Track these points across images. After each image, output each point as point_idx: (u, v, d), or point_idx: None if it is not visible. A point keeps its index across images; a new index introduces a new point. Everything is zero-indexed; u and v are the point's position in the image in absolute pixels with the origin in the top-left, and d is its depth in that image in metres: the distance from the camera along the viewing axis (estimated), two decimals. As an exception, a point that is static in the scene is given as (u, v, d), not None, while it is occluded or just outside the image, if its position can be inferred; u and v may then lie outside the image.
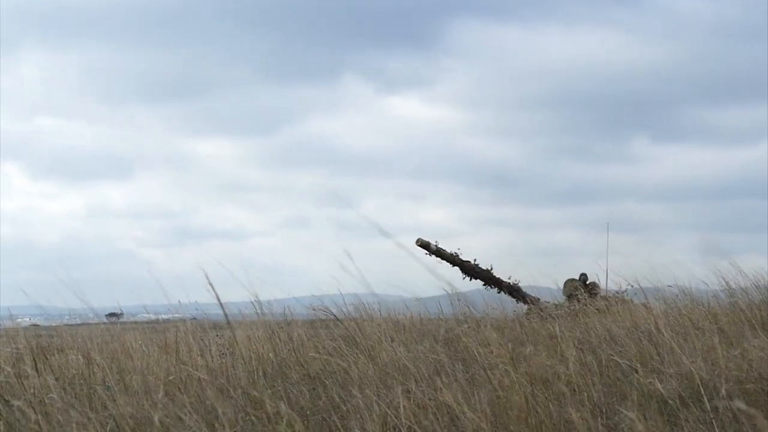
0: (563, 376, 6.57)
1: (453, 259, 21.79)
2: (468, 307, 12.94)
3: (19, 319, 11.20)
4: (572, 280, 25.72)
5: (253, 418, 5.53)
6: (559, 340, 7.63)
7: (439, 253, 21.70)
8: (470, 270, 22.05)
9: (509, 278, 22.58)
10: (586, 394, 6.34)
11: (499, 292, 22.77)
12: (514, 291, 22.65)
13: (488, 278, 22.35)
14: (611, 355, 7.34)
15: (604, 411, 6.21)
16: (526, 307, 24.76)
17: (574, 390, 6.55)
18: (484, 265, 24.18)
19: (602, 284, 25.68)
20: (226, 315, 6.12)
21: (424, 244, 21.40)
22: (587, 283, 25.57)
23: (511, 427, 5.64)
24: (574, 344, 7.36)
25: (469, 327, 9.03)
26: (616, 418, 5.98)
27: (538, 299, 22.70)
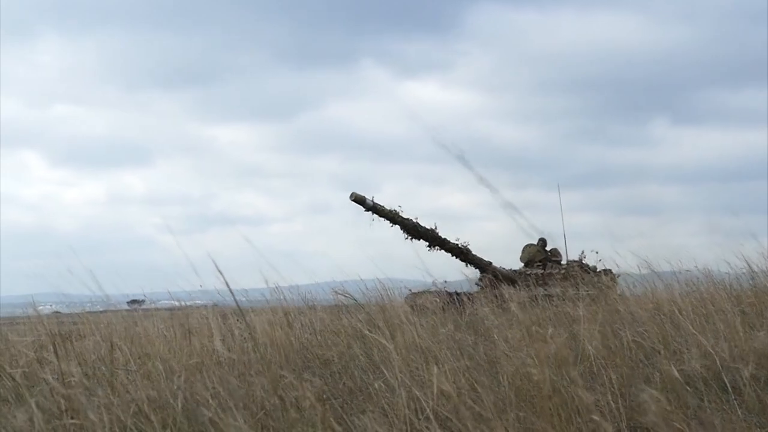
0: (586, 358, 6.55)
1: (392, 217, 20.52)
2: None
3: (40, 307, 11.22)
4: (530, 245, 24.72)
5: (275, 401, 5.52)
6: (582, 321, 7.60)
7: (376, 209, 20.38)
8: (411, 229, 20.84)
9: (457, 240, 21.86)
10: (606, 376, 6.31)
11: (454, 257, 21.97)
12: (461, 254, 21.94)
13: (432, 238, 21.23)
14: (634, 337, 7.31)
15: (626, 393, 6.19)
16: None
17: (596, 372, 6.54)
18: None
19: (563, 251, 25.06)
20: (236, 302, 6.12)
21: (358, 199, 20.18)
22: (547, 248, 24.65)
23: (534, 409, 5.62)
24: (597, 326, 7.32)
25: (491, 310, 9.01)
26: (639, 399, 5.96)
27: (490, 263, 22.59)
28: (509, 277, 22.44)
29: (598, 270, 23.92)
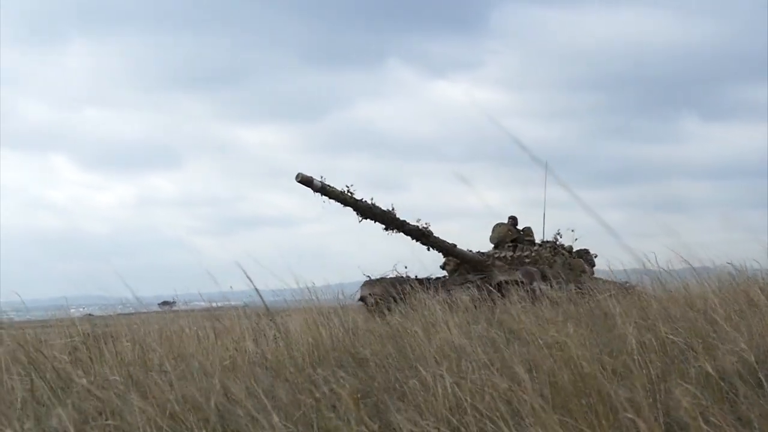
0: (621, 355, 6.51)
1: (344, 198, 18.74)
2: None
3: (72, 309, 11.29)
4: (501, 224, 23.09)
5: (310, 400, 5.52)
6: (617, 318, 7.56)
7: (326, 191, 18.54)
8: (366, 211, 19.09)
9: (418, 221, 20.07)
10: (642, 372, 6.28)
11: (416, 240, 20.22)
12: (422, 236, 20.14)
13: (389, 220, 19.49)
14: (668, 333, 7.27)
15: (662, 389, 6.15)
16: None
17: (631, 369, 6.50)
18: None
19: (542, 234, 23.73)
20: (265, 303, 6.12)
21: (305, 180, 18.30)
22: (518, 228, 23.09)
23: (569, 407, 5.60)
24: (632, 322, 7.28)
25: (523, 307, 8.98)
26: (674, 395, 5.92)
27: (455, 245, 20.88)
28: (475, 261, 21.34)
29: (573, 250, 22.86)
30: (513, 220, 23.01)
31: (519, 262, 21.22)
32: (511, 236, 22.75)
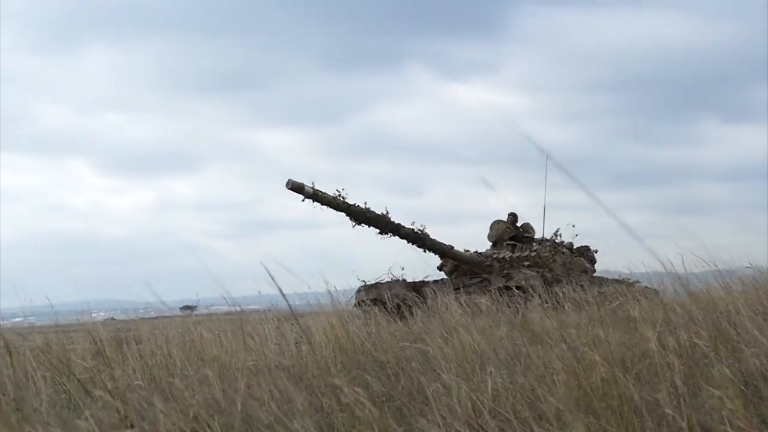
0: (645, 358, 6.49)
1: (336, 204, 18.28)
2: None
3: (94, 314, 11.31)
4: (499, 221, 22.50)
5: (332, 404, 5.53)
6: (639, 321, 7.54)
7: (317, 197, 18.07)
8: (360, 215, 18.65)
9: (413, 224, 19.63)
10: (665, 376, 6.26)
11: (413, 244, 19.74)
12: (418, 239, 19.70)
13: (384, 224, 19.05)
14: (691, 336, 7.24)
15: (686, 392, 6.13)
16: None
17: (656, 372, 6.48)
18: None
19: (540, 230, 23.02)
20: (290, 306, 6.12)
21: (296, 187, 17.80)
22: (517, 225, 22.47)
23: (592, 410, 5.58)
24: (654, 325, 7.26)
25: (546, 310, 8.97)
26: (699, 399, 5.90)
27: (452, 247, 20.50)
28: (473, 262, 20.98)
29: (574, 248, 22.40)
30: (513, 217, 22.46)
31: (518, 263, 20.76)
32: (509, 234, 22.31)
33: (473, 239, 22.04)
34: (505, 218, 22.46)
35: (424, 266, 20.84)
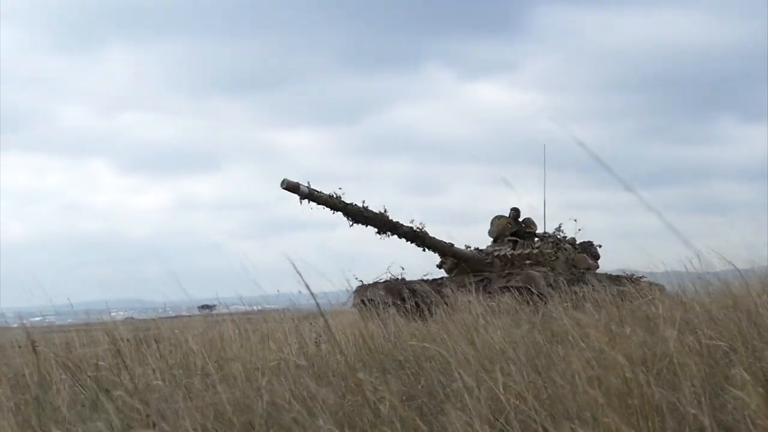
0: (665, 357, 6.47)
1: (333, 204, 18.02)
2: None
3: (113, 313, 11.34)
4: (501, 217, 22.06)
5: (355, 402, 5.53)
6: (660, 320, 7.52)
7: (313, 196, 17.78)
8: (357, 215, 18.39)
9: (411, 222, 19.37)
10: (685, 375, 6.24)
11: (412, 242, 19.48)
12: (417, 237, 19.44)
13: (381, 223, 18.81)
14: (711, 336, 7.21)
15: (707, 392, 6.11)
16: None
17: (676, 372, 6.46)
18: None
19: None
20: (317, 304, 6.11)
21: (291, 187, 17.55)
22: (519, 220, 22.06)
23: (613, 409, 5.57)
24: (675, 325, 7.23)
25: (565, 309, 8.94)
26: (720, 398, 5.88)
27: (452, 245, 20.23)
28: (474, 260, 20.72)
29: (576, 243, 22.04)
30: (515, 212, 22.08)
31: (519, 260, 20.49)
32: (510, 229, 21.94)
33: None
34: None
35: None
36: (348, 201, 18.26)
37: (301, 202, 17.75)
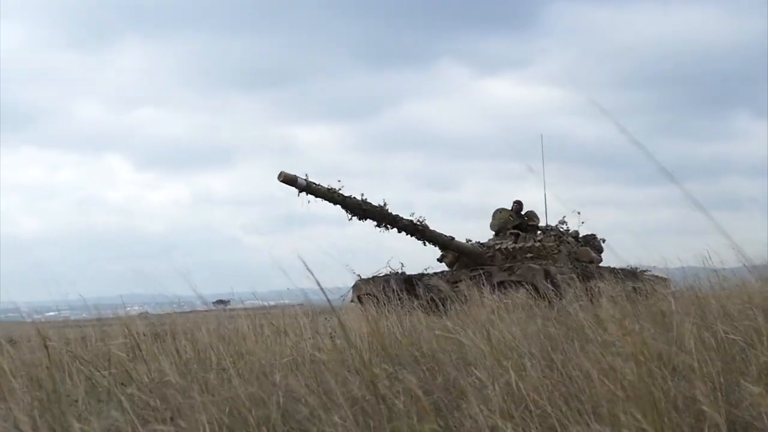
0: (681, 353, 6.46)
1: (331, 196, 17.85)
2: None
3: (128, 308, 11.36)
4: (503, 210, 21.90)
5: (371, 398, 5.52)
6: (675, 316, 7.50)
7: (311, 189, 17.61)
8: (356, 208, 18.24)
9: (411, 215, 19.22)
10: (705, 370, 6.22)
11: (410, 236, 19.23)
12: (418, 231, 19.26)
13: (381, 216, 18.66)
14: (727, 332, 7.19)
15: (723, 387, 6.09)
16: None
17: (692, 367, 6.44)
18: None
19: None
20: (329, 300, 6.12)
21: (288, 179, 17.35)
22: (522, 213, 21.88)
23: (628, 404, 5.56)
24: (690, 321, 7.22)
25: (581, 305, 8.92)
26: (737, 394, 5.87)
27: (453, 238, 20.14)
28: (475, 253, 20.60)
29: (579, 236, 21.99)
30: (518, 205, 21.89)
31: (521, 254, 20.29)
32: (512, 223, 21.73)
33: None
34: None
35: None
36: (347, 194, 18.15)
37: (299, 195, 17.57)
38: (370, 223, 18.97)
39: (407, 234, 19.19)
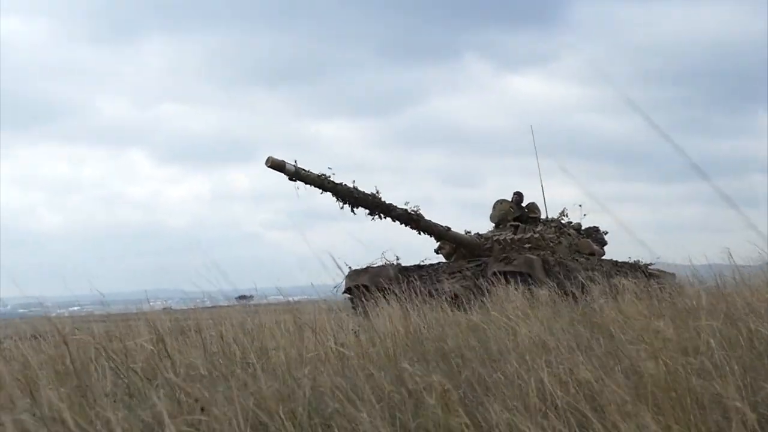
0: (707, 350, 6.44)
1: (321, 183, 17.39)
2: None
3: (151, 303, 11.41)
4: (503, 201, 21.61)
5: (398, 394, 5.54)
6: (701, 312, 7.48)
7: (300, 175, 17.15)
8: (347, 195, 17.75)
9: (406, 204, 18.86)
10: (728, 368, 6.20)
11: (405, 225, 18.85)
12: (412, 221, 18.86)
13: (374, 205, 18.20)
14: (756, 328, 7.16)
15: (749, 385, 6.08)
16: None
17: (717, 364, 6.42)
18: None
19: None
20: (350, 299, 6.13)
21: (276, 165, 16.95)
22: (522, 204, 21.67)
23: (653, 401, 5.55)
24: (717, 317, 7.20)
25: (605, 301, 8.92)
26: (763, 391, 5.85)
27: (449, 229, 19.77)
28: (472, 245, 20.28)
29: (581, 229, 21.89)
30: (518, 196, 21.64)
31: (519, 245, 19.92)
32: (513, 214, 21.49)
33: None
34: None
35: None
36: (337, 181, 17.73)
37: (289, 180, 17.15)
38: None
39: (401, 223, 18.85)
